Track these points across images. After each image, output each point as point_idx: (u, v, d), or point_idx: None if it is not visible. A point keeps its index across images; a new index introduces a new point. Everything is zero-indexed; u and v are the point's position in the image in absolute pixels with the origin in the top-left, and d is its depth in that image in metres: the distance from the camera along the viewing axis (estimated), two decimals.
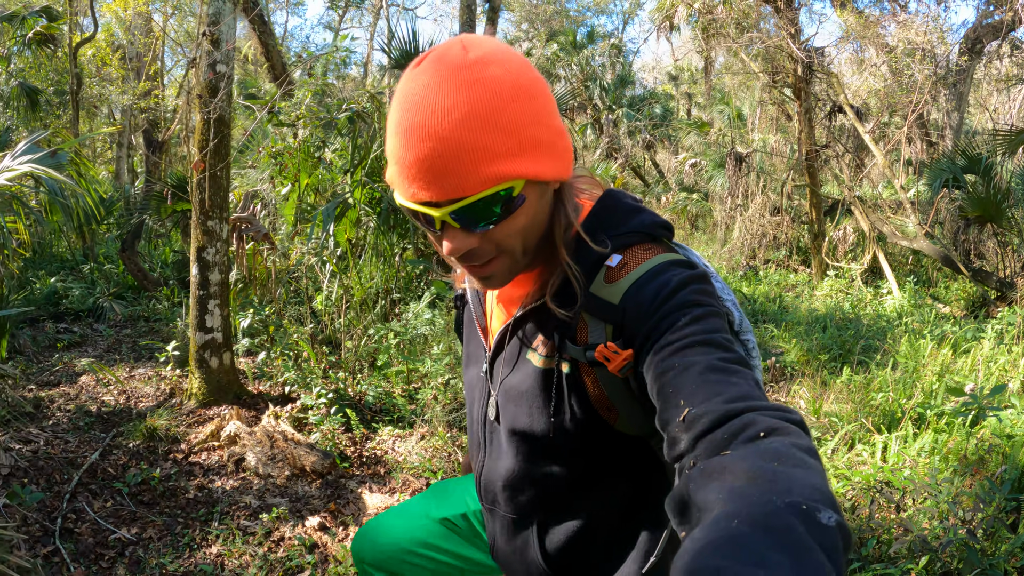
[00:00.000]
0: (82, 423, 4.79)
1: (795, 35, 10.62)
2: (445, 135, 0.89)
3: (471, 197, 0.92)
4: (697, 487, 0.69)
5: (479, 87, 0.91)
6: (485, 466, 1.29)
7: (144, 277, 9.27)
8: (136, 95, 15.48)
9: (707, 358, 0.86)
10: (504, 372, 1.18)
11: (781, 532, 0.56)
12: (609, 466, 1.16)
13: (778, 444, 0.69)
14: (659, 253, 1.06)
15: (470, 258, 1.00)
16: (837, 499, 0.65)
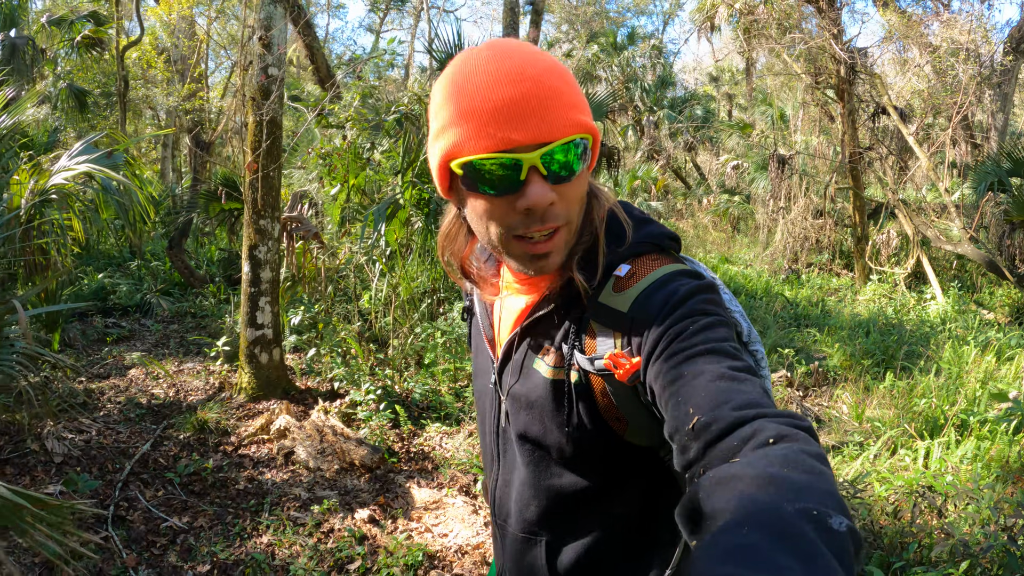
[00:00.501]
0: (133, 415, 4.94)
1: (838, 35, 10.52)
2: (537, 78, 0.91)
3: (561, 140, 0.93)
4: (707, 495, 0.69)
5: (547, 57, 0.96)
6: (499, 478, 1.28)
7: (191, 274, 9.50)
8: (181, 97, 15.79)
9: (716, 367, 0.86)
10: (511, 381, 1.17)
11: (792, 538, 0.56)
12: (620, 479, 1.15)
13: (787, 450, 0.69)
14: (667, 263, 1.06)
15: (543, 219, 0.97)
16: (847, 505, 0.63)
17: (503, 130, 0.91)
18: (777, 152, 13.01)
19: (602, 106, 9.08)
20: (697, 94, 22.66)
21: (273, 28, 4.94)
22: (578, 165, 0.96)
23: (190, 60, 17.23)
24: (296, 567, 3.19)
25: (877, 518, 3.32)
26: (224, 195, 8.51)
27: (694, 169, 21.27)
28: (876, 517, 3.32)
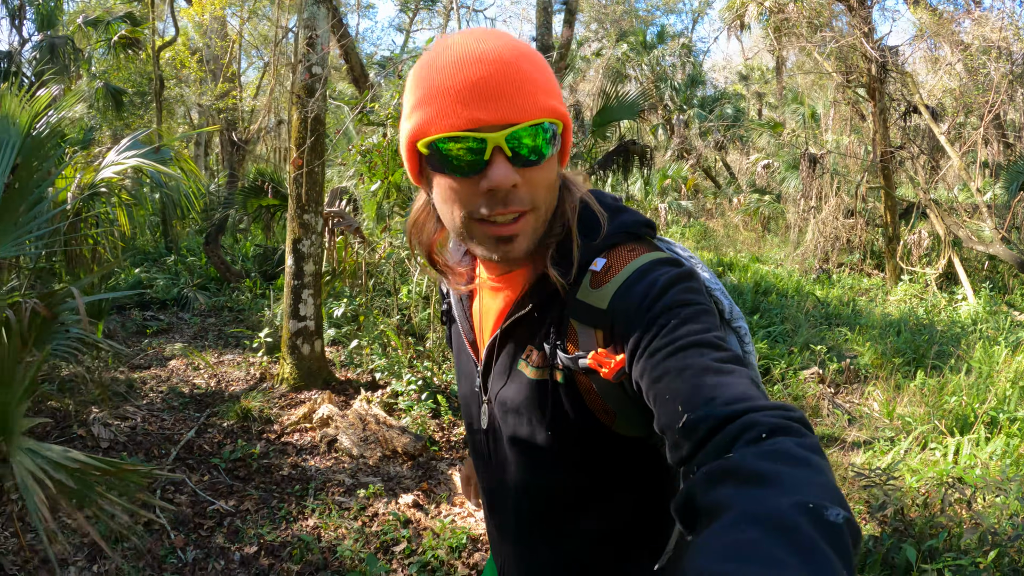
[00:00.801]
0: (176, 403, 5.11)
1: (868, 34, 10.49)
2: (507, 60, 0.91)
3: (528, 122, 0.92)
4: (702, 492, 0.68)
5: (524, 45, 0.96)
6: (492, 481, 1.27)
7: (227, 269, 9.70)
8: (214, 96, 16.04)
9: (701, 360, 0.85)
10: (497, 385, 1.16)
11: (788, 533, 0.55)
12: (612, 471, 1.14)
13: (781, 444, 0.69)
14: (644, 253, 1.04)
15: (506, 201, 0.95)
16: (844, 496, 0.65)
17: (469, 109, 0.91)
18: (808, 151, 12.97)
19: (634, 106, 9.13)
20: (727, 93, 22.57)
21: (317, 28, 5.08)
22: (546, 149, 0.95)
23: (222, 60, 17.50)
24: (343, 548, 3.31)
25: (908, 508, 3.39)
26: (258, 191, 8.70)
27: (724, 168, 21.22)
28: (907, 507, 3.39)
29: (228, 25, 18.20)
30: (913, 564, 2.91)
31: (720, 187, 19.92)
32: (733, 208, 17.96)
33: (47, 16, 11.68)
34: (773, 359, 6.39)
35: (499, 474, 1.24)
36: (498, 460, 1.23)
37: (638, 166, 10.36)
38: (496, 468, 1.24)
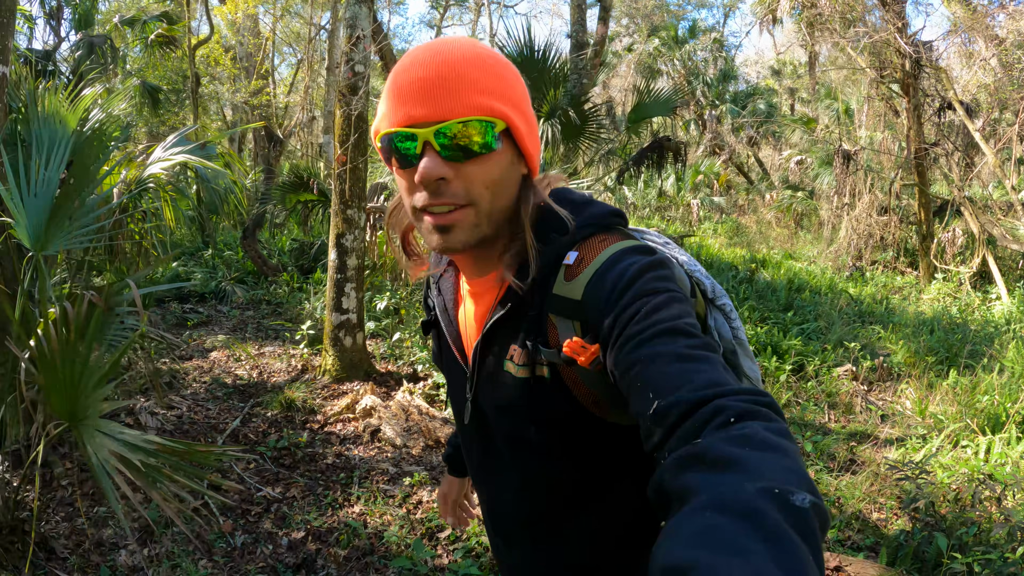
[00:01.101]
0: (220, 393, 5.26)
1: (902, 29, 10.42)
2: (449, 62, 0.96)
3: (459, 118, 0.95)
4: (672, 477, 0.69)
5: (481, 47, 1.01)
6: (491, 487, 1.28)
7: (263, 263, 9.90)
8: (248, 92, 16.28)
9: (671, 347, 0.85)
10: (486, 388, 1.17)
11: (754, 518, 0.55)
12: (610, 461, 1.15)
13: (749, 429, 0.69)
14: (615, 241, 1.06)
15: (438, 192, 0.99)
16: (811, 479, 0.65)
17: (407, 106, 0.96)
18: (842, 147, 12.90)
19: (668, 102, 9.15)
20: (759, 88, 22.46)
21: (359, 27, 5.20)
22: (478, 147, 0.97)
23: (256, 57, 17.76)
24: (389, 534, 3.44)
25: (939, 504, 3.45)
26: (294, 187, 8.86)
27: (756, 164, 21.13)
28: (938, 503, 3.45)
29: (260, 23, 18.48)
30: (944, 552, 2.99)
31: (752, 183, 19.84)
32: (766, 204, 17.89)
33: (84, 15, 11.91)
34: (807, 356, 6.44)
35: (496, 479, 1.25)
36: (494, 465, 1.24)
37: (671, 162, 10.39)
38: (493, 473, 1.25)
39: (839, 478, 4.18)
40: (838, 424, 5.28)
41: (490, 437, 1.21)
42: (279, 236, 12.29)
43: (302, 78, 20.13)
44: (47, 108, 4.13)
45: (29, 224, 3.27)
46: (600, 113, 8.85)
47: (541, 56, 8.03)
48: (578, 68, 9.03)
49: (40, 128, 3.94)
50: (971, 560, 2.89)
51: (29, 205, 3.32)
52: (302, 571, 3.22)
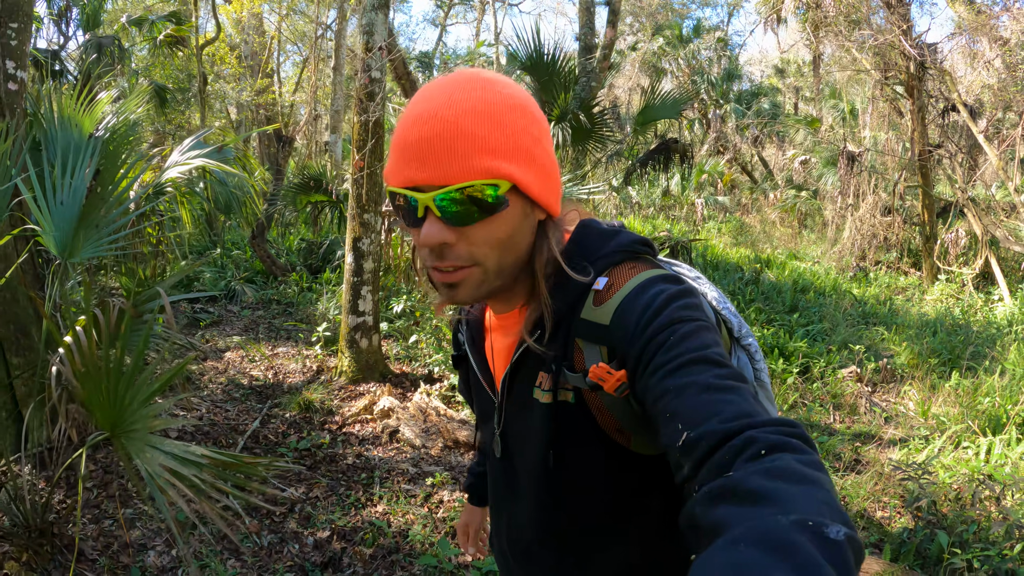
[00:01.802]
0: (237, 394, 5.36)
1: (907, 31, 10.49)
2: (448, 120, 0.92)
3: (458, 184, 0.92)
4: (703, 511, 0.69)
5: (488, 91, 0.96)
6: (515, 517, 1.27)
7: (273, 263, 10.01)
8: (253, 92, 16.37)
9: (702, 377, 0.84)
10: (514, 418, 1.17)
11: (788, 551, 0.55)
12: (635, 490, 1.14)
13: (781, 461, 0.68)
14: (644, 270, 1.05)
15: (442, 256, 0.98)
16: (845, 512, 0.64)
17: (407, 168, 0.94)
18: (847, 148, 12.98)
19: (676, 105, 9.24)
20: (763, 87, 22.49)
21: (375, 33, 5.30)
22: (478, 213, 0.95)
23: (261, 56, 17.85)
24: (413, 533, 3.56)
25: (940, 503, 3.57)
26: (302, 189, 8.96)
27: (760, 164, 21.20)
28: (940, 502, 3.57)
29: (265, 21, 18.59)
30: (945, 548, 3.10)
31: (756, 183, 19.91)
32: (769, 204, 17.97)
33: (92, 15, 12.00)
34: (812, 357, 6.56)
35: (520, 509, 1.23)
36: (517, 492, 1.23)
37: (678, 163, 10.50)
38: (515, 500, 1.24)
39: (844, 478, 4.29)
40: (843, 425, 5.39)
41: (516, 465, 1.21)
42: (288, 236, 12.40)
43: (307, 77, 20.24)
44: (63, 111, 4.21)
45: (56, 232, 3.36)
46: (608, 116, 8.95)
47: (550, 60, 8.14)
48: (587, 71, 9.13)
49: (55, 131, 4.01)
50: (971, 557, 3.01)
51: (56, 213, 3.41)
52: (329, 569, 3.33)
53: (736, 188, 20.07)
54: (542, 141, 1.01)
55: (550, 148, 1.04)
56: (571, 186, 7.01)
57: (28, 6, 4.40)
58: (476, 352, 1.25)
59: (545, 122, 1.04)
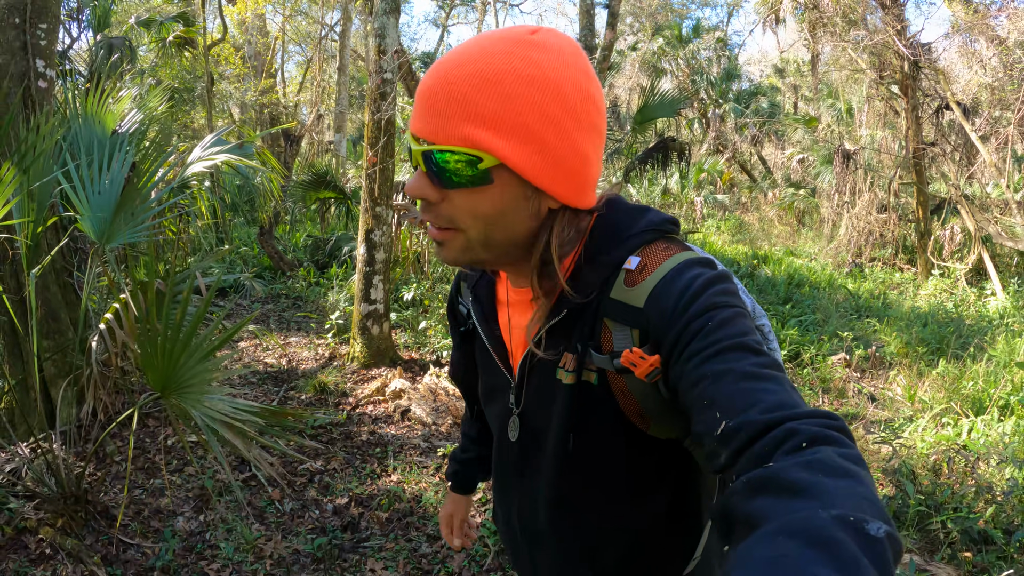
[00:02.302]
0: (254, 379, 5.62)
1: (902, 31, 10.65)
2: (451, 79, 0.89)
3: (439, 146, 0.90)
4: (741, 501, 0.68)
5: (510, 59, 0.90)
6: (527, 496, 1.24)
7: (280, 259, 10.25)
8: (256, 91, 16.58)
9: (740, 364, 0.83)
10: (534, 397, 1.14)
11: (828, 546, 0.54)
12: (649, 475, 1.13)
13: (822, 454, 0.67)
14: (677, 252, 1.01)
15: (426, 210, 0.96)
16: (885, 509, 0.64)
17: (414, 115, 0.93)
18: (842, 147, 13.17)
19: (673, 104, 9.47)
20: (763, 87, 22.70)
21: (387, 36, 5.55)
22: (457, 180, 0.91)
23: (264, 56, 18.08)
24: (426, 499, 3.82)
25: (919, 472, 3.82)
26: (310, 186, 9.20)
27: (759, 162, 21.39)
28: (917, 471, 3.81)
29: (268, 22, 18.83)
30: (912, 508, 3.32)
31: (756, 181, 20.10)
32: (768, 202, 18.17)
33: (102, 16, 12.20)
34: (804, 345, 6.80)
35: (532, 489, 1.21)
36: (532, 473, 1.20)
37: (676, 161, 10.69)
38: (529, 482, 1.22)
39: None
40: (831, 407, 5.63)
41: (533, 447, 1.18)
42: (294, 233, 12.64)
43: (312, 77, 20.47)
44: (87, 109, 4.44)
45: (94, 219, 3.60)
46: (608, 116, 9.18)
47: None
48: None
49: (80, 127, 4.24)
50: (944, 519, 3.26)
51: (94, 202, 3.65)
52: (348, 531, 3.59)
53: (735, 187, 20.27)
54: (562, 124, 0.92)
55: (578, 135, 0.94)
56: None
57: (56, 7, 4.64)
58: (488, 327, 1.19)
59: (583, 106, 0.94)
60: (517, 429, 1.19)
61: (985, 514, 3.20)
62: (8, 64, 4.29)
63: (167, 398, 2.78)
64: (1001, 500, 3.20)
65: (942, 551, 3.15)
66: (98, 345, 3.80)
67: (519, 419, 1.18)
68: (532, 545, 1.27)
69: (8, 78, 4.27)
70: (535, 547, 1.27)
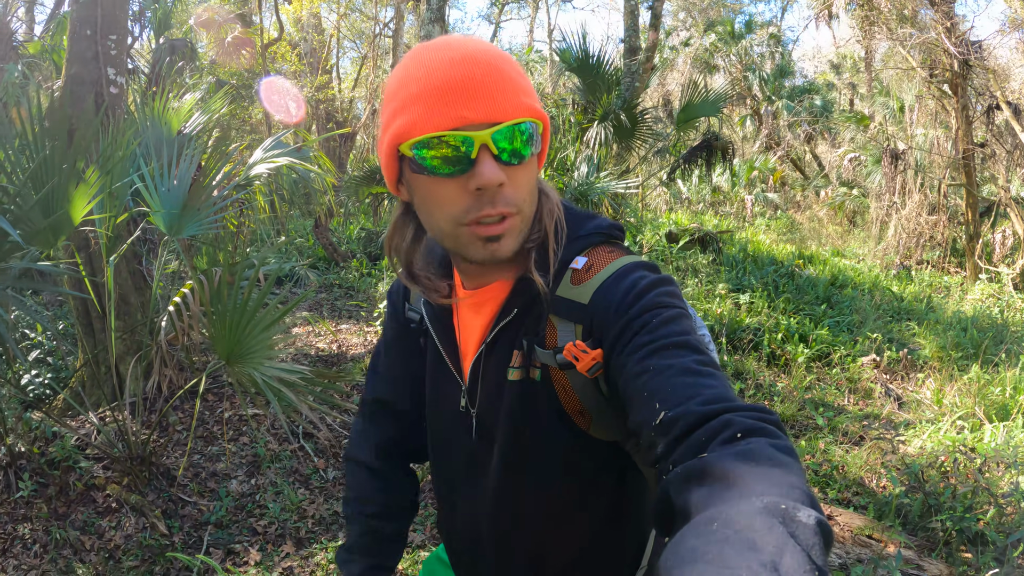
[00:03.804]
0: (305, 362, 5.97)
1: (951, 29, 10.53)
2: (492, 62, 0.93)
3: (510, 120, 0.92)
4: (677, 492, 0.69)
5: (492, 46, 0.97)
6: (469, 502, 1.24)
7: (334, 250, 10.64)
8: (313, 88, 16.97)
9: (681, 361, 0.86)
10: (486, 398, 1.14)
11: (761, 533, 0.55)
12: (588, 477, 1.14)
13: (756, 445, 0.69)
14: (623, 255, 1.06)
15: (493, 202, 0.95)
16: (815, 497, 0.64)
17: (455, 108, 0.90)
18: (890, 147, 13.02)
19: (717, 102, 9.51)
20: (816, 84, 22.40)
21: None
22: (527, 150, 0.96)
23: (321, 53, 18.49)
24: None
25: (925, 471, 3.97)
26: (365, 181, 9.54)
27: (813, 160, 21.15)
28: (924, 470, 3.96)
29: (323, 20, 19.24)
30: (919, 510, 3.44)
31: (808, 179, 19.90)
32: (820, 201, 17.99)
33: (163, 19, 12.64)
34: (834, 345, 6.87)
35: (483, 494, 1.20)
36: (479, 479, 1.20)
37: (720, 160, 10.73)
38: (476, 488, 1.21)
39: (848, 451, 4.70)
40: (856, 407, 5.74)
41: (483, 447, 1.18)
42: (348, 225, 13.02)
43: (366, 74, 20.87)
44: (154, 112, 4.78)
45: (165, 214, 3.95)
46: (650, 116, 9.34)
47: (596, 62, 8.58)
48: (631, 72, 9.55)
49: (147, 128, 4.57)
50: (944, 518, 3.43)
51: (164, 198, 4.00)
52: None
53: (787, 185, 20.09)
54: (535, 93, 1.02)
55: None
56: (610, 181, 7.45)
57: (124, 18, 5.01)
58: (441, 328, 1.20)
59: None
60: (474, 429, 1.18)
61: (986, 516, 3.36)
62: (82, 72, 4.69)
63: (233, 365, 3.18)
64: (1003, 503, 3.36)
65: (939, 549, 3.33)
66: (166, 325, 4.19)
67: (476, 419, 1.17)
68: (477, 553, 1.27)
69: (82, 85, 4.67)
70: (481, 555, 1.26)
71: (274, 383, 3.22)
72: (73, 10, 4.74)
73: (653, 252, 9.27)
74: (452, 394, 1.20)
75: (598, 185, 7.25)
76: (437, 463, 1.31)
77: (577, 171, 7.55)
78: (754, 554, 0.53)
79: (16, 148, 3.33)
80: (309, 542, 3.56)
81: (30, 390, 4.58)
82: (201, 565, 3.23)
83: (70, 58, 4.69)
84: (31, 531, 3.40)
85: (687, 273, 9.00)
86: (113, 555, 3.36)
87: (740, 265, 9.78)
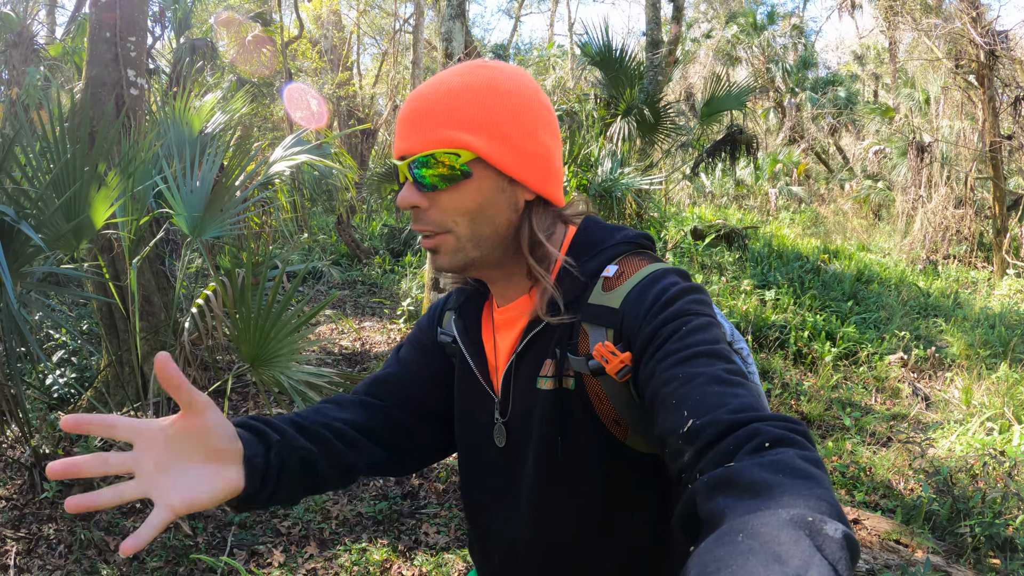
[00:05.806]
0: (329, 360, 6.00)
1: (977, 18, 10.39)
2: (428, 97, 1.01)
3: (423, 152, 0.99)
4: (702, 500, 0.69)
5: (477, 75, 1.03)
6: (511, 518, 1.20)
7: (357, 247, 10.68)
8: (334, 84, 17.03)
9: (711, 369, 0.86)
10: (520, 412, 1.14)
11: (787, 545, 0.55)
12: (626, 491, 1.12)
13: (783, 455, 0.69)
14: (654, 262, 1.07)
15: (417, 219, 1.04)
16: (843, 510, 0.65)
17: (398, 139, 1.04)
18: (916, 139, 12.86)
19: (740, 96, 9.43)
20: (839, 76, 22.16)
21: (453, 40, 5.82)
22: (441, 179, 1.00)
23: (341, 51, 18.56)
24: None
25: (954, 473, 3.91)
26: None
27: (837, 152, 20.94)
28: (953, 472, 3.91)
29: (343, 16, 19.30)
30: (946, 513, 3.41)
31: (832, 172, 19.70)
32: (845, 194, 17.80)
33: (183, 18, 12.71)
34: (861, 343, 6.81)
35: (517, 508, 1.18)
36: (514, 487, 1.18)
37: (744, 154, 10.66)
38: (513, 502, 1.19)
39: (876, 452, 4.64)
40: (883, 407, 5.68)
41: (515, 457, 1.17)
42: (371, 222, 13.06)
43: (387, 70, 20.92)
44: (176, 113, 4.78)
45: (187, 215, 3.96)
46: (673, 110, 9.27)
47: (619, 56, 8.53)
48: (653, 66, 9.48)
49: (168, 129, 4.57)
50: (972, 523, 3.37)
51: (187, 200, 4.01)
52: (408, 499, 3.96)
53: (811, 178, 19.88)
54: (523, 120, 1.03)
55: (539, 133, 1.06)
56: (633, 177, 7.42)
57: (143, 20, 5.03)
58: (469, 342, 1.21)
59: (540, 111, 1.07)
60: (504, 436, 1.17)
61: (1015, 521, 3.30)
62: (102, 75, 4.71)
63: (257, 368, 3.19)
64: None
65: (967, 555, 3.27)
66: (189, 326, 4.21)
67: (504, 427, 1.16)
68: (511, 566, 1.23)
69: (102, 87, 4.70)
70: (513, 568, 1.23)
71: (301, 386, 3.27)
72: (92, 13, 4.76)
73: (678, 249, 9.20)
74: (484, 409, 1.19)
75: (622, 181, 7.22)
76: (468, 482, 1.27)
77: (601, 167, 7.52)
78: (780, 567, 0.53)
79: (38, 152, 3.34)
80: (333, 543, 3.56)
81: (54, 391, 4.62)
82: (225, 566, 3.24)
83: (90, 61, 4.71)
84: (56, 531, 3.43)
85: (712, 271, 8.93)
86: (137, 556, 3.37)
87: (765, 261, 9.71)
